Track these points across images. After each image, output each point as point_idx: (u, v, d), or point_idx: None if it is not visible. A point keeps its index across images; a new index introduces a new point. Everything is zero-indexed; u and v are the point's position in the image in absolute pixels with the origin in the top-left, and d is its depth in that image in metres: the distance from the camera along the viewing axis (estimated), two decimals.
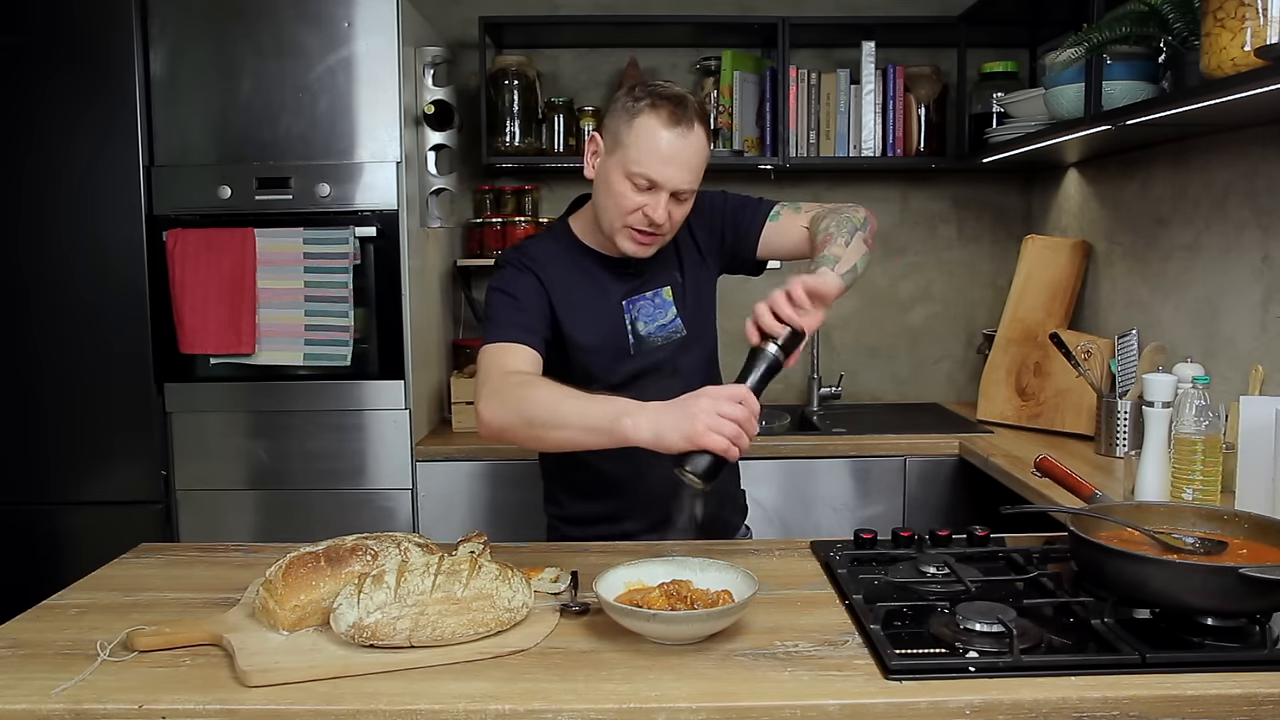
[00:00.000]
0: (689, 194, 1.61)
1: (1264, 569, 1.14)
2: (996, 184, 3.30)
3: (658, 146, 1.55)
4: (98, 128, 2.57)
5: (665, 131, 1.55)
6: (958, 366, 3.35)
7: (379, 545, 1.37)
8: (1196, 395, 1.69)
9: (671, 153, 1.55)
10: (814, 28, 3.07)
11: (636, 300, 1.72)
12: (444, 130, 2.79)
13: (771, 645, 1.24)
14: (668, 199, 1.58)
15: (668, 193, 1.58)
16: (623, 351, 1.71)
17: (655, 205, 1.58)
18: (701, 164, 1.60)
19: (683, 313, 1.75)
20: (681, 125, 1.55)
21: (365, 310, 2.64)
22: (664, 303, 1.74)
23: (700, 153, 1.59)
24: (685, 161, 1.57)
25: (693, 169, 1.58)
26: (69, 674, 1.17)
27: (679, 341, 1.74)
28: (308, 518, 2.64)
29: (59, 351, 2.61)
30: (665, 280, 1.75)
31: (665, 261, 1.75)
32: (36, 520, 2.66)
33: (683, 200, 1.61)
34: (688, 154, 1.57)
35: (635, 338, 1.72)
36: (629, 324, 1.72)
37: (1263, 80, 1.56)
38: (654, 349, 1.73)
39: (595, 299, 1.71)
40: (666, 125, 1.55)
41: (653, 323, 1.73)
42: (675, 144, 1.55)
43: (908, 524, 2.54)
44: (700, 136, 1.58)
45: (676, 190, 1.58)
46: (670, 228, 1.63)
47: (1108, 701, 1.09)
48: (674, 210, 1.61)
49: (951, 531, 1.58)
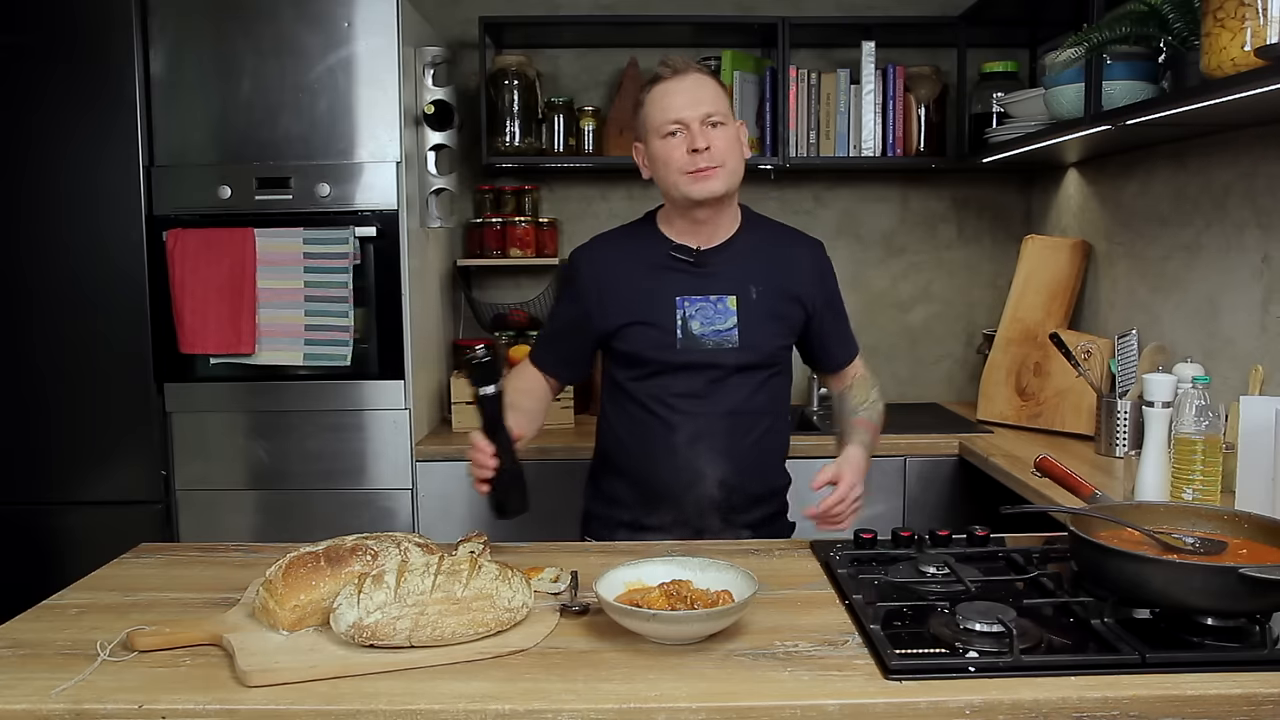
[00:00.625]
0: (719, 117, 1.73)
1: (1264, 569, 1.14)
2: (996, 184, 3.30)
3: (666, 99, 1.74)
4: (98, 128, 2.57)
5: (668, 84, 1.75)
6: (958, 366, 3.35)
7: (379, 545, 1.37)
8: (1196, 395, 1.69)
9: (678, 94, 1.74)
10: (814, 28, 3.07)
11: (695, 300, 1.79)
12: (444, 130, 2.79)
13: (771, 645, 1.24)
14: (700, 125, 1.72)
15: (696, 121, 1.72)
16: (667, 343, 1.79)
17: (692, 137, 1.72)
18: (713, 94, 1.75)
19: (743, 325, 1.79)
20: (676, 75, 1.75)
21: (365, 310, 2.64)
22: (726, 310, 1.80)
23: (704, 85, 1.75)
24: (693, 93, 1.73)
25: (704, 98, 1.73)
26: (69, 674, 1.17)
27: (729, 351, 1.79)
28: (308, 518, 2.64)
29: (59, 351, 2.61)
30: (734, 290, 1.80)
31: (743, 272, 1.81)
32: (36, 520, 2.66)
33: (717, 125, 1.73)
34: (693, 89, 1.73)
35: (685, 334, 1.79)
36: (680, 319, 1.79)
37: (1263, 80, 1.56)
38: (704, 350, 1.79)
39: (649, 287, 1.81)
40: (668, 80, 1.75)
41: (709, 325, 1.79)
42: (677, 87, 1.74)
43: (908, 524, 2.54)
44: (698, 76, 1.75)
45: (702, 117, 1.72)
46: (722, 158, 1.74)
47: (1108, 701, 1.09)
48: (714, 136, 1.73)
49: (951, 531, 1.58)
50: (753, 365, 1.81)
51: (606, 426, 1.92)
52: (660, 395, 1.80)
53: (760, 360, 1.81)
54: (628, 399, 1.85)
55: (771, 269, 1.83)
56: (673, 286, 1.80)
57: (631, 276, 1.83)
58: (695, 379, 1.79)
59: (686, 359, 1.78)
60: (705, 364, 1.79)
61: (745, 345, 1.79)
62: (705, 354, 1.78)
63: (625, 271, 1.84)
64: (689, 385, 1.79)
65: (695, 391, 1.79)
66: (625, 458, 1.87)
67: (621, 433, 1.87)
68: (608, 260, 1.87)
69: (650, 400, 1.81)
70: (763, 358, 1.82)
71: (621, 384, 1.86)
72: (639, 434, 1.83)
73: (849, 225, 3.31)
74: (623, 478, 1.88)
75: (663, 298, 1.79)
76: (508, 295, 3.26)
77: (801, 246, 1.91)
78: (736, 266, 1.81)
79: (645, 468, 1.82)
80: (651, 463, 1.81)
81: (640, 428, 1.83)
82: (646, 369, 1.81)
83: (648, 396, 1.81)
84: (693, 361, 1.78)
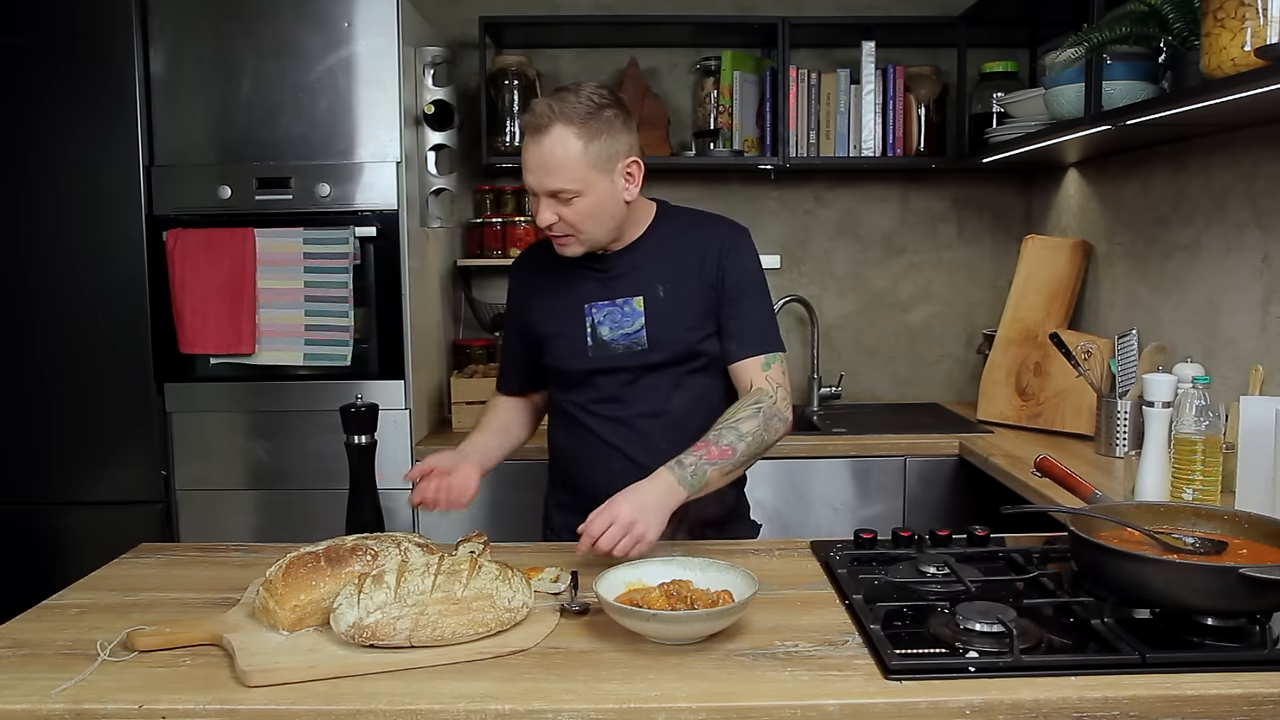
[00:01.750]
0: (570, 193, 1.62)
1: (1264, 569, 1.14)
2: (996, 184, 3.30)
3: (523, 157, 1.65)
4: (98, 128, 2.57)
5: (526, 141, 1.64)
6: (958, 366, 3.35)
7: (379, 545, 1.37)
8: (1196, 395, 1.69)
9: (529, 159, 1.63)
10: (814, 28, 3.07)
11: (602, 305, 1.76)
12: (444, 130, 2.79)
13: (771, 645, 1.24)
14: (548, 201, 1.64)
15: (542, 196, 1.64)
16: (579, 351, 1.77)
17: (538, 210, 1.66)
18: (567, 163, 1.61)
19: (650, 326, 1.74)
20: (535, 134, 1.62)
21: (365, 310, 2.64)
22: (633, 312, 1.75)
23: (553, 152, 1.60)
24: (542, 165, 1.61)
25: (551, 170, 1.61)
26: (69, 674, 1.17)
27: (639, 353, 1.75)
28: (308, 518, 2.64)
29: (59, 351, 2.61)
30: (641, 290, 1.75)
31: (650, 272, 1.76)
32: (36, 520, 2.66)
33: (566, 200, 1.63)
34: (541, 157, 1.61)
35: (595, 340, 1.76)
36: (590, 326, 1.76)
37: (1263, 80, 1.56)
38: (615, 355, 1.76)
39: (560, 296, 1.79)
40: (527, 135, 1.64)
41: (617, 329, 1.75)
42: (530, 151, 1.63)
43: (908, 524, 2.53)
44: (555, 137, 1.60)
45: (546, 191, 1.63)
46: (574, 229, 1.67)
47: (1108, 701, 1.10)
48: (563, 212, 1.64)
49: (951, 531, 1.58)
50: (665, 364, 1.75)
51: (550, 434, 1.91)
52: (582, 403, 1.79)
53: (672, 358, 1.75)
54: (558, 409, 1.86)
55: (680, 262, 1.76)
56: (582, 294, 1.77)
57: (549, 287, 1.82)
58: (609, 384, 1.76)
59: (598, 365, 1.76)
60: (615, 368, 1.76)
61: (654, 345, 1.74)
62: (615, 358, 1.75)
63: (545, 282, 1.83)
64: (604, 391, 1.77)
65: (611, 396, 1.77)
66: (565, 464, 1.87)
67: (559, 441, 1.88)
68: (531, 271, 1.87)
69: (574, 409, 1.81)
70: (674, 355, 1.75)
71: (552, 394, 1.88)
72: (572, 442, 1.83)
73: (849, 225, 3.31)
74: (566, 485, 1.88)
75: (573, 307, 1.77)
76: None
77: (712, 231, 1.79)
78: (643, 266, 1.76)
79: (582, 474, 1.82)
80: (587, 469, 1.80)
81: (572, 436, 1.83)
82: (568, 379, 1.80)
83: (572, 405, 1.81)
84: (604, 367, 1.76)
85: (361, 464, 1.73)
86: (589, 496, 1.68)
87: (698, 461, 1.56)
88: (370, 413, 1.71)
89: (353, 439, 1.71)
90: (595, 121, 1.62)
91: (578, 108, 1.61)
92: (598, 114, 1.63)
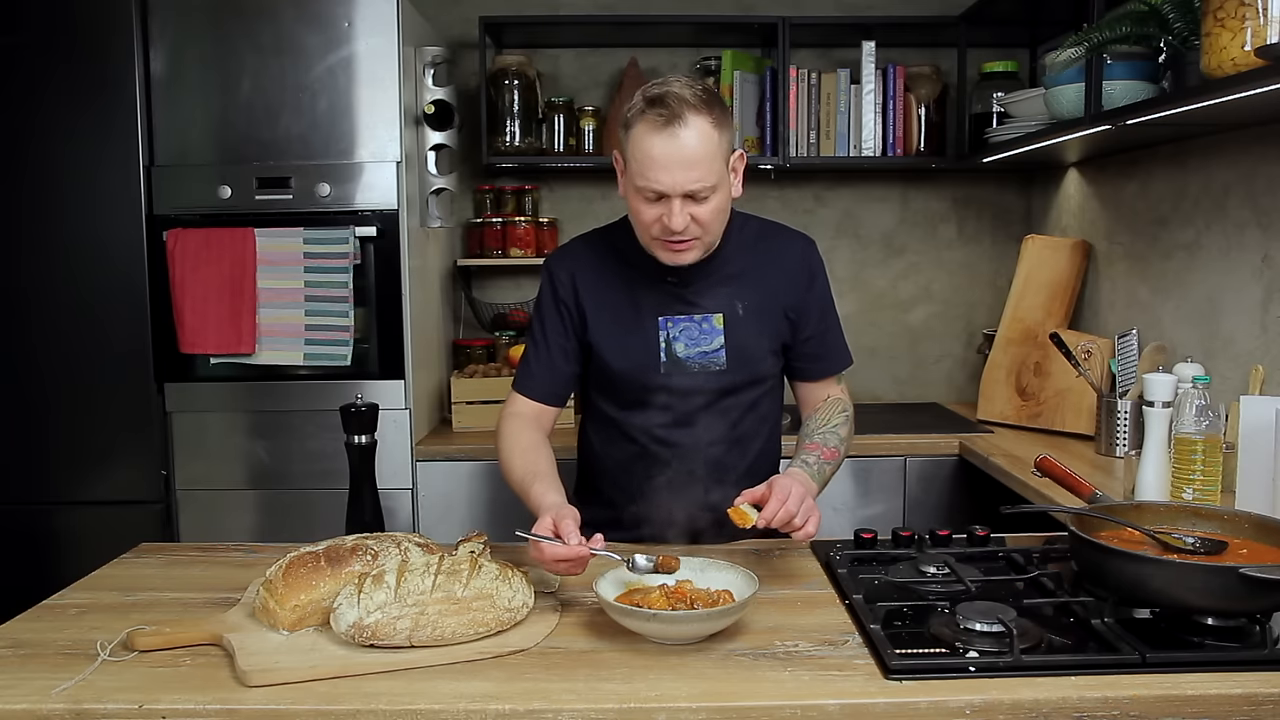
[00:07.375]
0: (707, 190, 1.50)
1: (1264, 569, 1.14)
2: (996, 184, 3.30)
3: (651, 154, 1.48)
4: (98, 128, 2.56)
5: (654, 137, 1.47)
6: (958, 366, 3.35)
7: (379, 545, 1.37)
8: (1196, 395, 1.69)
9: (664, 157, 1.47)
10: (814, 28, 3.07)
11: (679, 320, 1.65)
12: (444, 130, 2.79)
13: (771, 645, 1.24)
14: (682, 203, 1.49)
15: (678, 198, 1.49)
16: (651, 368, 1.65)
17: (670, 213, 1.50)
18: (706, 155, 1.48)
19: (730, 345, 1.65)
20: (670, 125, 1.46)
21: (365, 310, 2.64)
22: (712, 329, 1.65)
23: (699, 146, 1.47)
24: (682, 160, 1.47)
25: (692, 165, 1.47)
26: (69, 674, 1.17)
27: (717, 374, 1.66)
28: (308, 518, 2.64)
29: (59, 351, 2.61)
30: (721, 307, 1.65)
31: (729, 286, 1.66)
32: (36, 520, 2.66)
33: (702, 199, 1.50)
34: (683, 153, 1.47)
35: (669, 357, 1.65)
36: (664, 341, 1.65)
37: (1263, 80, 1.56)
38: (689, 374, 1.65)
39: (628, 304, 1.67)
40: (654, 130, 1.47)
41: (694, 346, 1.65)
42: (666, 147, 1.47)
43: (908, 524, 2.53)
44: (696, 128, 1.47)
45: (686, 192, 1.49)
46: (703, 231, 1.54)
47: (1108, 701, 1.10)
48: (697, 212, 1.51)
49: (951, 531, 1.58)
50: (742, 386, 1.68)
51: (587, 446, 1.79)
52: (645, 425, 1.67)
53: (750, 379, 1.69)
54: (607, 422, 1.73)
55: (759, 279, 1.67)
56: (655, 304, 1.65)
57: (611, 289, 1.68)
58: (681, 405, 1.66)
59: (671, 383, 1.65)
60: (691, 389, 1.65)
61: (734, 366, 1.66)
62: (691, 378, 1.65)
63: (605, 283, 1.68)
64: (675, 413, 1.66)
65: (682, 420, 1.66)
66: (604, 481, 1.75)
67: (604, 458, 1.75)
68: (584, 273, 1.70)
69: (633, 429, 1.69)
70: (753, 377, 1.69)
71: (600, 406, 1.74)
72: (623, 462, 1.71)
73: (849, 225, 3.31)
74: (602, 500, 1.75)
75: (643, 318, 1.65)
76: (508, 295, 3.26)
77: (790, 248, 1.73)
78: (722, 281, 1.66)
79: (627, 497, 1.67)
80: (636, 494, 1.65)
81: (623, 455, 1.71)
82: (628, 393, 1.68)
83: (630, 425, 1.69)
84: (678, 386, 1.65)
85: (362, 464, 1.73)
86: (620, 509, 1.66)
87: (819, 461, 1.59)
88: (370, 413, 1.71)
89: (353, 439, 1.72)
90: (720, 109, 1.50)
91: (701, 95, 1.48)
92: (718, 101, 1.51)
